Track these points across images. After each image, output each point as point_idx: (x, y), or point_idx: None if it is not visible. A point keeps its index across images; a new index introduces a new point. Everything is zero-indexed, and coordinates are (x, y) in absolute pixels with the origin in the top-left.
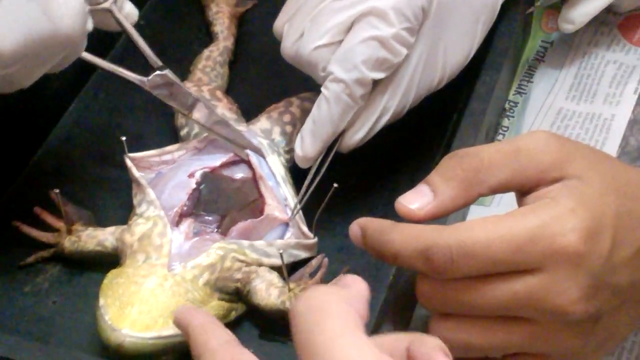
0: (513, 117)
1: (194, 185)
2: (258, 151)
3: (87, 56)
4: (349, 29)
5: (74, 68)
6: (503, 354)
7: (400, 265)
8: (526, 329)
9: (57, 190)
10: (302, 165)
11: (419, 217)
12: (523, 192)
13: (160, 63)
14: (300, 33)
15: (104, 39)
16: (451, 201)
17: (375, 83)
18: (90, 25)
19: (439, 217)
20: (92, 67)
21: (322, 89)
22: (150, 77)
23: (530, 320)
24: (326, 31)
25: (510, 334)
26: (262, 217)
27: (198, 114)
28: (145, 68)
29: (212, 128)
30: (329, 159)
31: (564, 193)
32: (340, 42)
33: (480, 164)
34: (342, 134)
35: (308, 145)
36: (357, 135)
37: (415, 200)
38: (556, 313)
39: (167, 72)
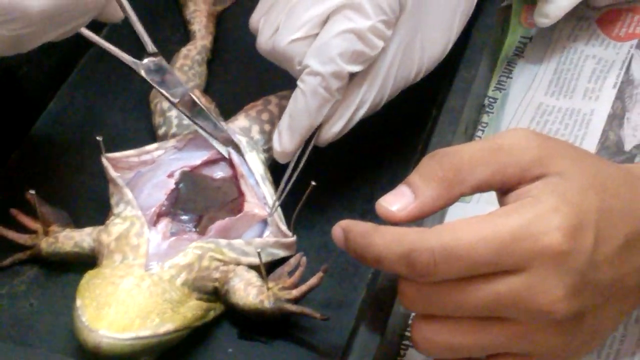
0: (492, 113)
1: (173, 185)
2: (237, 148)
3: (85, 32)
4: (324, 22)
5: (51, 67)
6: (487, 354)
7: (383, 269)
8: (510, 329)
9: (33, 192)
10: (281, 160)
11: (400, 218)
12: (504, 190)
13: (155, 49)
14: (275, 27)
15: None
16: (432, 201)
17: (352, 76)
18: None
19: (420, 218)
20: (69, 67)
21: (298, 82)
22: (144, 61)
23: (514, 320)
24: (302, 24)
25: (495, 334)
26: (240, 214)
27: (185, 105)
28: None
29: (197, 121)
30: (307, 153)
31: (545, 191)
32: (316, 35)
33: (461, 163)
34: (319, 127)
35: (286, 140)
36: (334, 129)
37: (396, 201)
38: (540, 312)
39: (161, 58)
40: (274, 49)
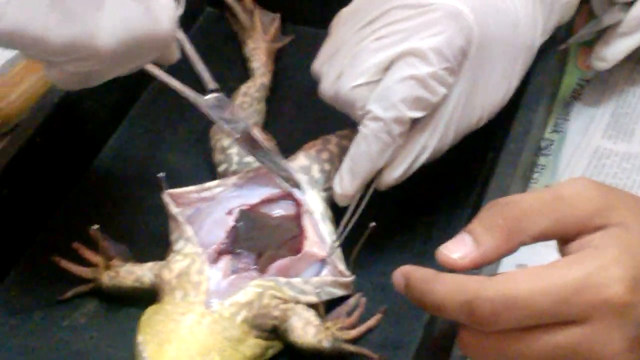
0: (549, 155)
1: (232, 223)
2: (299, 185)
3: (149, 67)
4: (387, 68)
5: (113, 102)
6: None
7: (443, 317)
8: None
9: (96, 226)
10: (341, 203)
11: (461, 266)
12: (565, 240)
13: (216, 85)
14: (339, 73)
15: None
16: (493, 251)
17: (415, 122)
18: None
19: (481, 267)
20: (130, 102)
21: (360, 127)
22: (207, 97)
23: None
24: (365, 70)
25: None
26: (300, 254)
27: (246, 141)
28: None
29: (258, 158)
30: (367, 196)
31: (607, 242)
32: (379, 81)
33: (522, 212)
34: (380, 171)
35: (347, 183)
36: (395, 173)
37: (457, 249)
38: None
39: (222, 95)
40: (337, 94)
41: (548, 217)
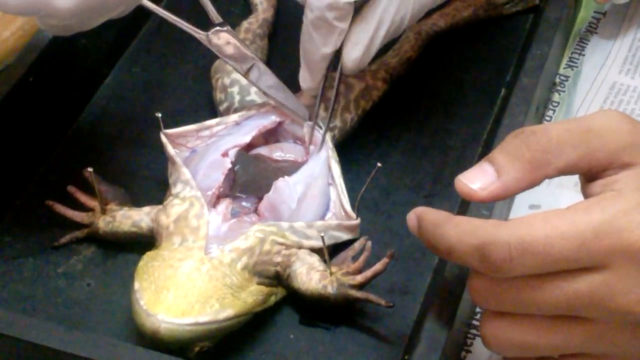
0: (564, 91)
1: (229, 165)
2: (309, 117)
3: (148, 4)
4: None
5: (109, 40)
6: (561, 354)
7: (454, 261)
8: (587, 329)
9: (91, 169)
10: (310, 94)
11: (480, 198)
12: (589, 175)
13: (220, 19)
14: None
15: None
16: (516, 182)
17: None
18: None
19: (501, 199)
20: (127, 40)
21: (303, 15)
22: (211, 32)
23: (590, 320)
24: None
25: (570, 334)
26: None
27: (254, 75)
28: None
29: (268, 92)
30: (338, 80)
31: (631, 184)
32: None
33: (549, 143)
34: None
35: (305, 75)
36: (354, 54)
37: (478, 179)
38: (620, 313)
39: (228, 29)
40: None
41: (575, 149)
